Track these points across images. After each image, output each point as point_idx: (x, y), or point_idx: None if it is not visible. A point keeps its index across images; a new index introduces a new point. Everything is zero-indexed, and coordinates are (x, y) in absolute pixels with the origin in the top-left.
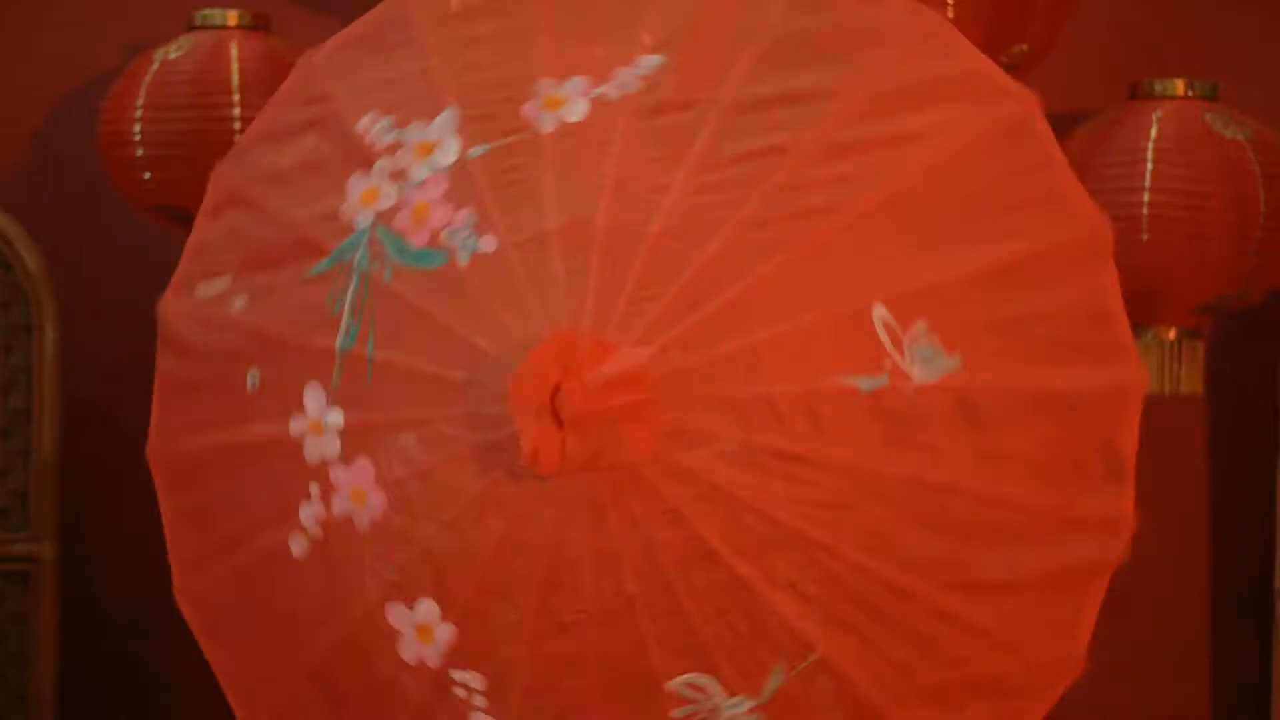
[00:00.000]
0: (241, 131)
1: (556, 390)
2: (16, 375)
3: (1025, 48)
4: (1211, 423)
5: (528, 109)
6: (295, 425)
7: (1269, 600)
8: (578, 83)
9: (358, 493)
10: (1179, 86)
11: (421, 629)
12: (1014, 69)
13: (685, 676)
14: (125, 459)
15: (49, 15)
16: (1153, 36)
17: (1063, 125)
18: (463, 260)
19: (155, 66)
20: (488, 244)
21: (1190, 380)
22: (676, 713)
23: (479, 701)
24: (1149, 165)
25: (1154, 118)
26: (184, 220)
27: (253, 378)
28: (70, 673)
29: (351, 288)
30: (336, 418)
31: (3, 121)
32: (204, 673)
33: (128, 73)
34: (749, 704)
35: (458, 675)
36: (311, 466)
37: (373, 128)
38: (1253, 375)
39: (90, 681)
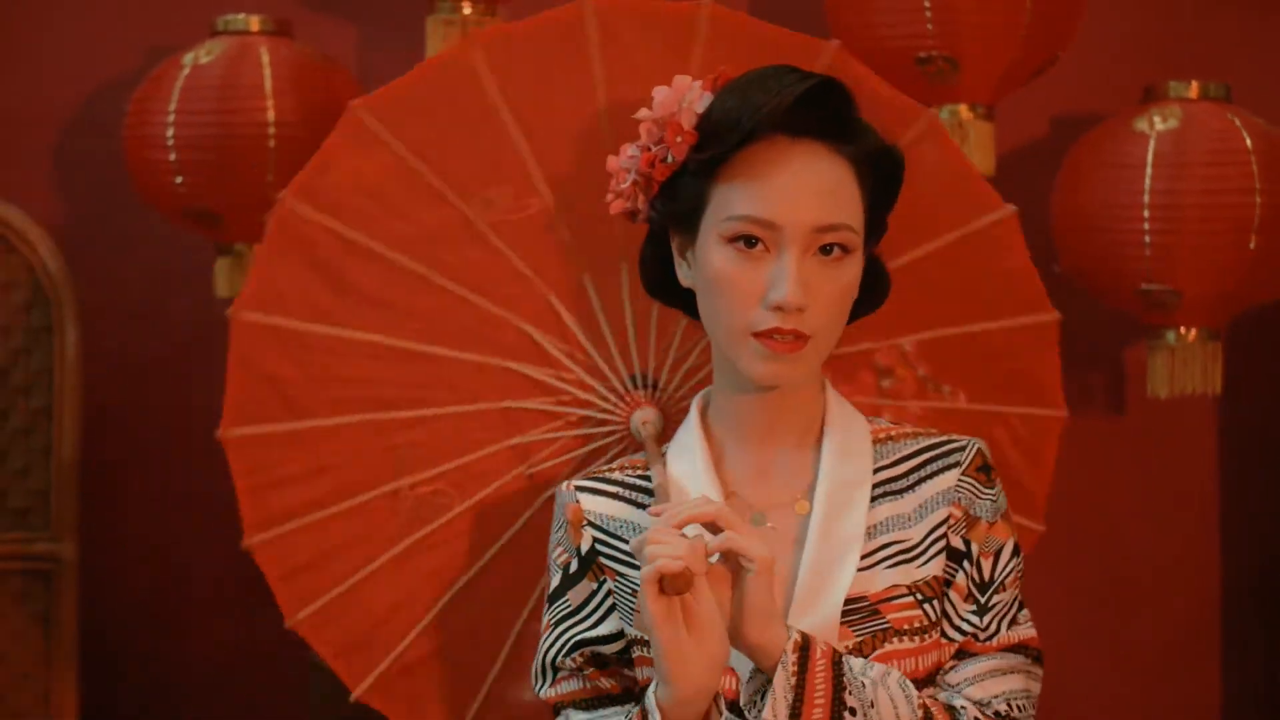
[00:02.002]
0: (274, 135)
1: None
2: (38, 376)
3: (1058, 56)
4: (1223, 423)
5: None
6: None
7: (1276, 600)
8: None
9: None
10: (1194, 89)
11: None
12: (1041, 74)
13: None
14: (145, 459)
15: (67, 22)
16: (1161, 40)
17: (1076, 127)
18: None
19: (185, 71)
20: None
21: (1217, 379)
22: None
23: None
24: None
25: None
26: (211, 223)
27: None
28: (92, 670)
29: None
30: None
31: (24, 126)
32: (223, 670)
33: (154, 77)
34: None
35: None
36: None
37: None
38: (1264, 376)
39: (111, 679)
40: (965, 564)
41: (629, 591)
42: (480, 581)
